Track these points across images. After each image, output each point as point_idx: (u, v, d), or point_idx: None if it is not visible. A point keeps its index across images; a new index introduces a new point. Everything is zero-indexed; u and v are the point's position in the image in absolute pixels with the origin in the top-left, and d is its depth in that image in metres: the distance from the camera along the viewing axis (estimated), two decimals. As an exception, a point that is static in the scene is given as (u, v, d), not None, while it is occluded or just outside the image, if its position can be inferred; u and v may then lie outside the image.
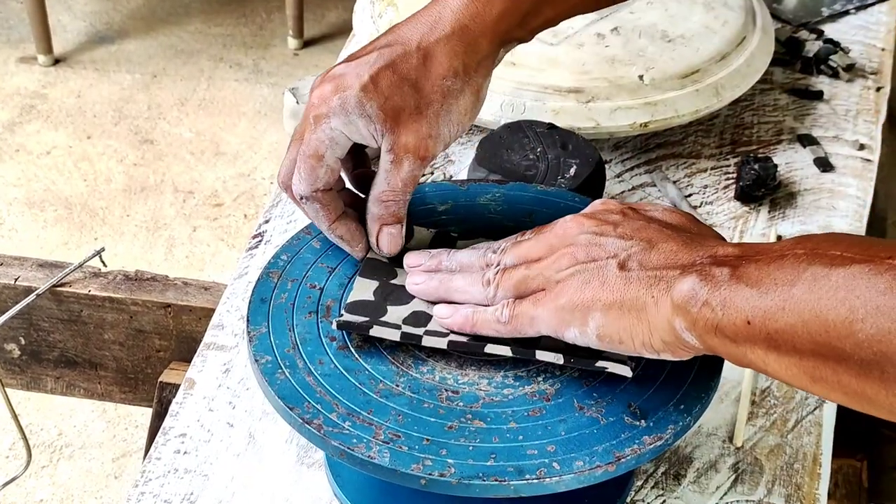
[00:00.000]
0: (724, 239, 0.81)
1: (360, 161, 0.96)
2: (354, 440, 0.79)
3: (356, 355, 0.86)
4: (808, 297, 0.68)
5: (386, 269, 0.92)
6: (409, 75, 0.88)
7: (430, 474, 0.77)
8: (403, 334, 0.85)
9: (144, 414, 2.20)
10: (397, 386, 0.83)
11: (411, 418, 0.81)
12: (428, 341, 0.85)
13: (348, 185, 0.96)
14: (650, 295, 0.76)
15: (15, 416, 1.25)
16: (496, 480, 0.77)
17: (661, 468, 0.98)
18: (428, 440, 0.79)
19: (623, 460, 0.79)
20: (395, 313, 0.88)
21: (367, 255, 0.93)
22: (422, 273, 0.89)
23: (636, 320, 0.76)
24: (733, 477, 0.98)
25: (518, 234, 0.88)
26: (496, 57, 0.93)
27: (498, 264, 0.85)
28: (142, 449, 2.25)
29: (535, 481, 0.77)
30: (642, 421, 0.81)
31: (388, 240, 0.91)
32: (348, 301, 0.89)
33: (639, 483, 0.97)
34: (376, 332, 0.85)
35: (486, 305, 0.84)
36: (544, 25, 0.95)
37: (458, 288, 0.86)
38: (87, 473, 2.23)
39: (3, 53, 3.41)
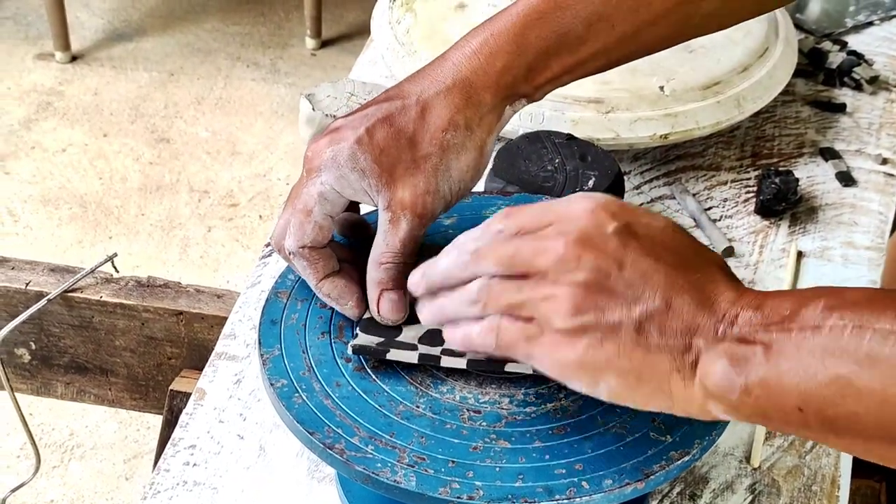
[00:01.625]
0: (726, 267, 0.76)
1: (357, 227, 0.93)
2: (379, 464, 0.77)
3: (373, 376, 0.84)
4: (872, 385, 0.64)
5: None
6: (405, 128, 0.85)
7: (458, 497, 0.75)
8: (421, 356, 0.84)
9: (156, 416, 2.20)
10: (418, 407, 0.82)
11: (434, 440, 0.79)
12: (447, 362, 0.84)
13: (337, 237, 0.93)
14: (674, 368, 0.71)
15: (24, 422, 1.24)
16: (526, 502, 0.75)
17: (676, 488, 0.97)
18: (453, 462, 0.78)
19: (652, 477, 0.77)
20: (410, 332, 0.86)
21: None
22: (420, 300, 0.83)
23: (656, 390, 0.72)
24: (750, 498, 0.97)
25: (492, 222, 0.78)
26: (501, 114, 0.89)
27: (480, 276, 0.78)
28: (152, 451, 2.24)
29: (566, 501, 0.76)
30: (668, 436, 0.80)
31: (389, 307, 0.85)
32: (363, 318, 0.88)
33: (653, 503, 0.95)
34: (393, 355, 0.84)
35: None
36: (552, 82, 0.90)
37: (450, 313, 0.79)
38: (98, 474, 2.23)
39: (21, 50, 3.41)
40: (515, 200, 1.01)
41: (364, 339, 0.86)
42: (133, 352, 1.26)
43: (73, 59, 3.37)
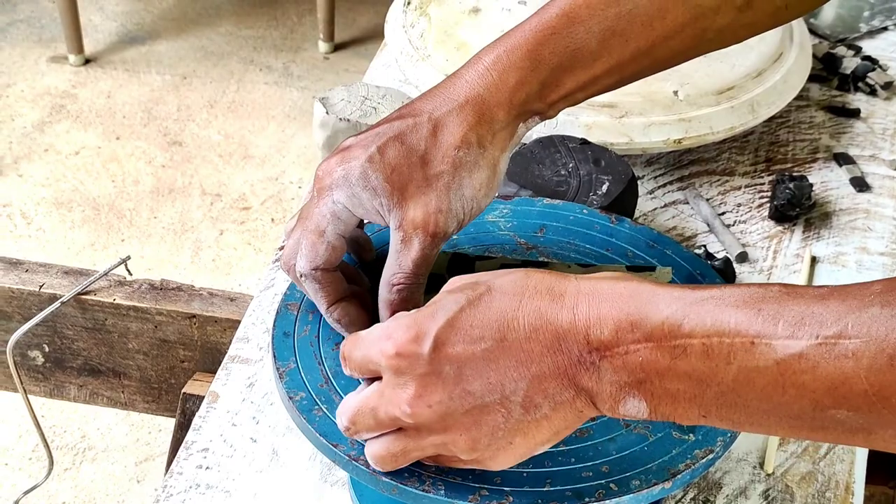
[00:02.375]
0: (547, 290, 0.71)
1: (362, 246, 0.93)
2: (406, 474, 0.77)
3: None
4: (753, 396, 0.65)
5: None
6: (417, 146, 0.84)
7: None
8: None
9: (168, 419, 2.20)
10: None
11: None
12: None
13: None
14: (579, 410, 0.71)
15: (38, 424, 1.24)
16: None
17: (689, 494, 0.97)
18: (480, 470, 0.77)
19: (678, 476, 0.78)
20: None
21: None
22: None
23: (576, 423, 0.72)
24: (764, 504, 0.97)
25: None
26: (514, 131, 0.88)
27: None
28: (164, 453, 2.24)
29: None
30: (690, 434, 0.80)
31: None
32: None
33: (667, 509, 0.95)
34: None
35: None
36: (566, 99, 0.89)
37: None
38: (109, 477, 2.23)
39: (35, 52, 3.42)
40: (517, 203, 1.01)
41: None
42: (146, 354, 1.26)
43: (87, 61, 3.38)
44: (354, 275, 0.90)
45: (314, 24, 3.50)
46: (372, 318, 0.87)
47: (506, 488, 0.76)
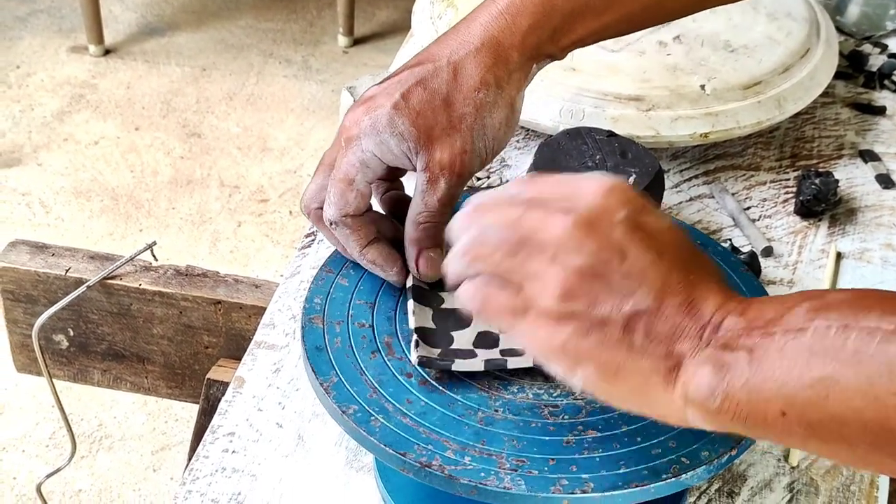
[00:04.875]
0: (720, 273, 0.72)
1: (404, 205, 0.94)
2: (482, 474, 0.76)
3: (440, 388, 0.83)
4: (858, 383, 0.62)
5: (432, 294, 0.91)
6: (440, 90, 0.87)
7: (572, 492, 0.75)
8: (486, 362, 0.84)
9: (185, 408, 2.20)
10: (496, 412, 0.81)
11: (526, 441, 0.79)
12: (513, 363, 0.84)
13: (376, 206, 0.94)
14: (654, 372, 0.68)
15: (61, 408, 1.24)
16: (636, 486, 0.76)
17: (714, 485, 0.97)
18: (553, 460, 0.77)
19: (742, 442, 0.78)
20: (462, 338, 0.87)
21: (410, 284, 0.91)
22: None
23: (634, 391, 0.70)
24: (788, 497, 0.96)
25: (508, 185, 0.75)
26: (528, 72, 0.91)
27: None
28: (181, 443, 2.25)
29: (673, 479, 0.76)
30: None
31: (427, 264, 0.89)
32: (416, 327, 0.87)
33: (692, 499, 0.95)
34: (458, 366, 0.84)
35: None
36: (577, 43, 0.93)
37: (446, 269, 0.75)
38: (126, 465, 2.23)
39: (55, 42, 3.42)
40: None
41: (425, 350, 0.85)
42: (170, 340, 1.26)
43: (107, 52, 3.39)
44: (391, 226, 0.93)
45: (334, 18, 3.51)
46: (404, 259, 0.90)
47: (583, 475, 0.76)
